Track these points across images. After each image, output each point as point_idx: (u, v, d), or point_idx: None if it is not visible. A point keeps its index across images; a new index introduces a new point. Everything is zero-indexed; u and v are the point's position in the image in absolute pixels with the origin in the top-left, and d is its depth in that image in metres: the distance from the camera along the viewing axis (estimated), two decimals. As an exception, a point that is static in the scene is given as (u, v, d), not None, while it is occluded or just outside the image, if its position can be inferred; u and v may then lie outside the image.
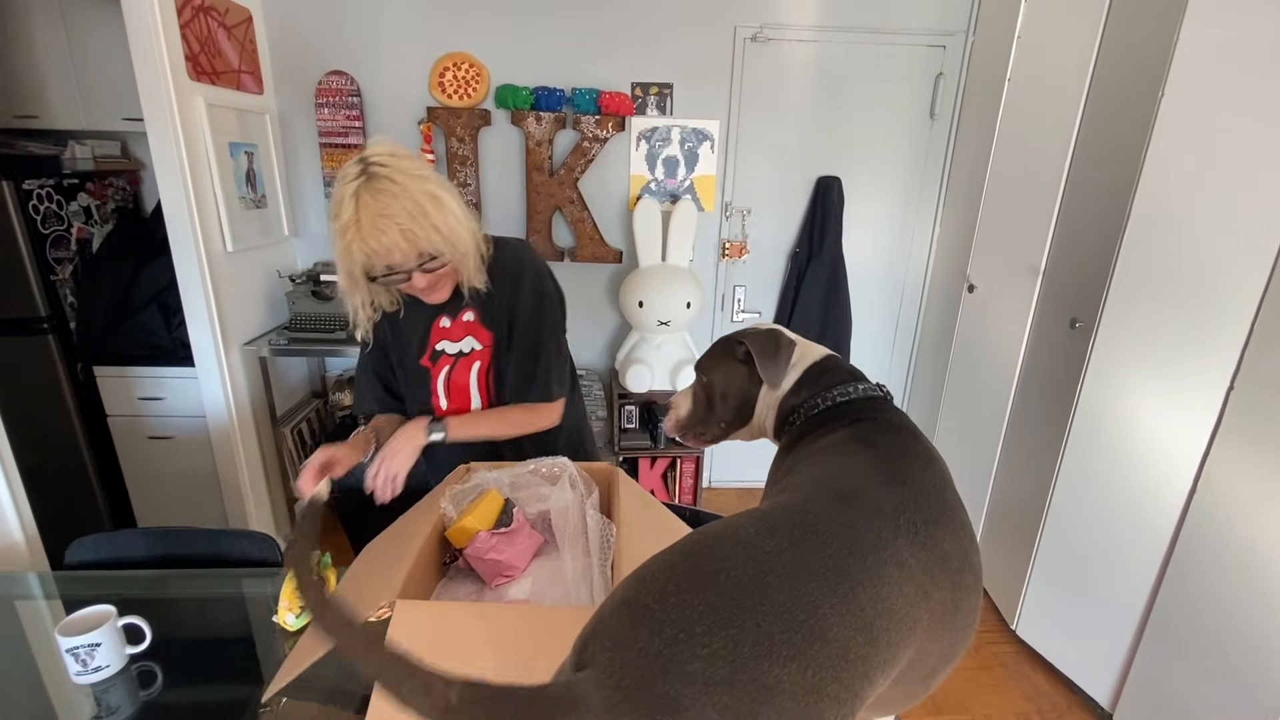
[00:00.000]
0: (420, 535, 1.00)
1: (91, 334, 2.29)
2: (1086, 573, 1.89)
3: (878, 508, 0.56)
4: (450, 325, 1.28)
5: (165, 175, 1.99)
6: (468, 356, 1.29)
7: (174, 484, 2.43)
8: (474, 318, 1.28)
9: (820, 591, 0.46)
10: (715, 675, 0.41)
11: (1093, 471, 1.85)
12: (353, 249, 1.02)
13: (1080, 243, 1.91)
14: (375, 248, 1.02)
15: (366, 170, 1.02)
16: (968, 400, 2.46)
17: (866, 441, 0.71)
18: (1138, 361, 1.72)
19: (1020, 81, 2.20)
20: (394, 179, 1.02)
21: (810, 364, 0.88)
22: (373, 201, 1.00)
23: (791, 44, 2.56)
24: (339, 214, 1.03)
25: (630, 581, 0.51)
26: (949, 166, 2.70)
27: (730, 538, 0.51)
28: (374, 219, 1.00)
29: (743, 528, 0.53)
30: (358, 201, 1.00)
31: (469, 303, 1.26)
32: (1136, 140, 1.67)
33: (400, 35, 2.49)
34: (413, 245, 1.04)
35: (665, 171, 2.68)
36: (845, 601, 0.47)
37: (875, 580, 0.49)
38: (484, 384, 1.31)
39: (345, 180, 1.03)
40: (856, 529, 0.53)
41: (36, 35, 2.28)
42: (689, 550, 0.51)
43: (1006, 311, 2.22)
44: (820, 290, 2.74)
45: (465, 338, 1.28)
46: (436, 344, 1.29)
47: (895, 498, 0.57)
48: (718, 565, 0.48)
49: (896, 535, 0.54)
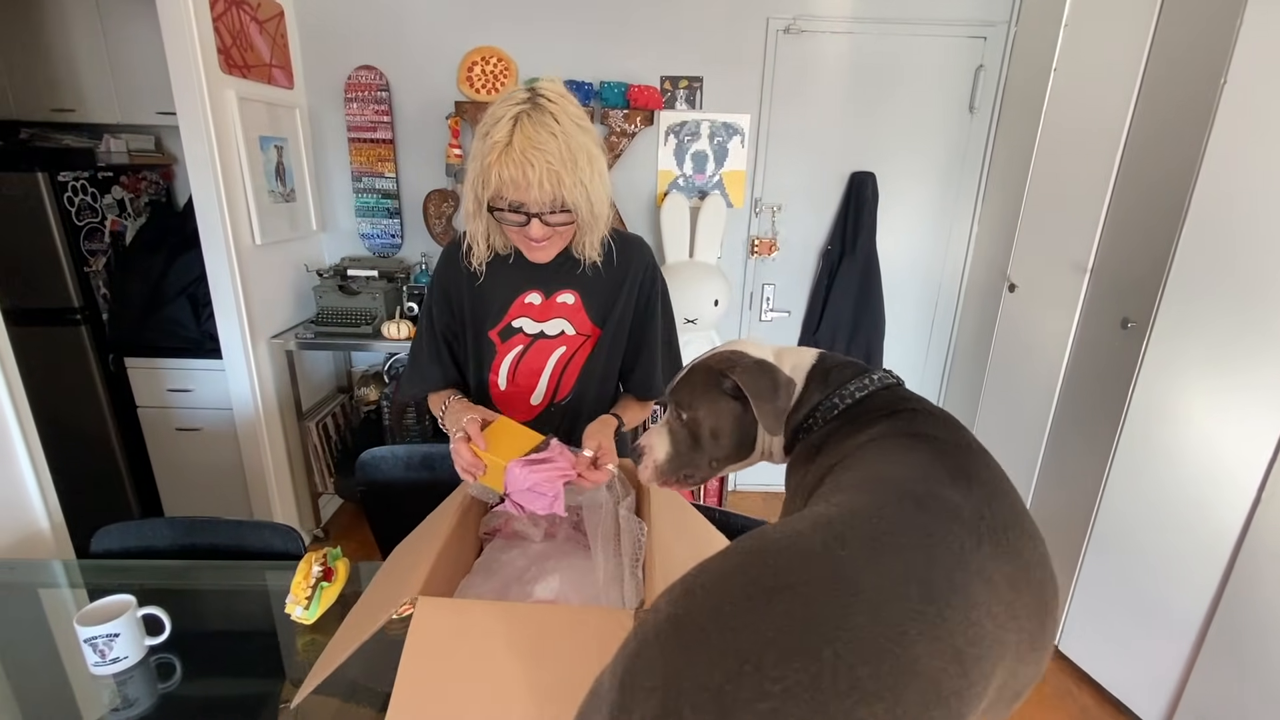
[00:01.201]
0: (444, 530, 0.97)
1: (123, 325, 2.31)
2: (1137, 587, 1.79)
3: (955, 512, 0.49)
4: (541, 303, 1.16)
5: (196, 167, 1.99)
6: (550, 340, 1.17)
7: (201, 476, 2.44)
8: (574, 301, 1.16)
9: (906, 614, 0.39)
10: (789, 715, 0.34)
11: (1145, 479, 1.75)
12: (492, 171, 0.96)
13: (1133, 239, 1.82)
14: (515, 176, 0.95)
15: (534, 99, 0.96)
16: (1008, 403, 2.37)
17: (916, 435, 0.64)
18: (1196, 363, 1.62)
19: (1067, 72, 2.11)
20: (558, 118, 0.96)
21: (810, 368, 0.79)
22: (532, 131, 0.94)
23: (825, 36, 2.49)
24: (490, 132, 0.96)
25: (678, 596, 0.44)
26: (988, 162, 2.61)
27: (794, 548, 0.44)
28: (526, 147, 0.94)
29: (805, 536, 0.46)
30: (515, 125, 0.94)
31: (569, 284, 1.16)
32: (1195, 131, 1.58)
33: (429, 30, 2.48)
34: (553, 189, 0.96)
35: (694, 167, 2.63)
36: (934, 626, 0.40)
37: (964, 600, 0.42)
38: (559, 373, 1.20)
39: (508, 102, 0.97)
40: (936, 538, 0.46)
41: (73, 30, 2.31)
42: (746, 561, 0.44)
43: (1050, 311, 2.13)
44: (853, 289, 2.66)
45: (554, 320, 1.17)
46: (514, 319, 1.17)
47: (971, 500, 0.51)
48: (784, 580, 0.41)
49: (980, 544, 0.47)
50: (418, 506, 1.21)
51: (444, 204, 2.64)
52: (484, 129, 0.98)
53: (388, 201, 2.66)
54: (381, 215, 2.68)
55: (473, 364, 1.22)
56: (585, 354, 1.20)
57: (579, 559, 1.03)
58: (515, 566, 1.04)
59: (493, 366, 1.20)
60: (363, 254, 2.73)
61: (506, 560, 1.05)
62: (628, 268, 1.18)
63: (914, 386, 0.77)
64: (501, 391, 1.21)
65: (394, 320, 2.39)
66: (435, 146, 2.59)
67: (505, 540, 1.08)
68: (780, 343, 0.87)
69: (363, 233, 2.70)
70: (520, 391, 1.20)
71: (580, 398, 1.22)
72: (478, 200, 1.02)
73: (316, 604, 1.09)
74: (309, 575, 1.12)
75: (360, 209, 2.68)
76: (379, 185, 2.64)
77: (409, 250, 2.74)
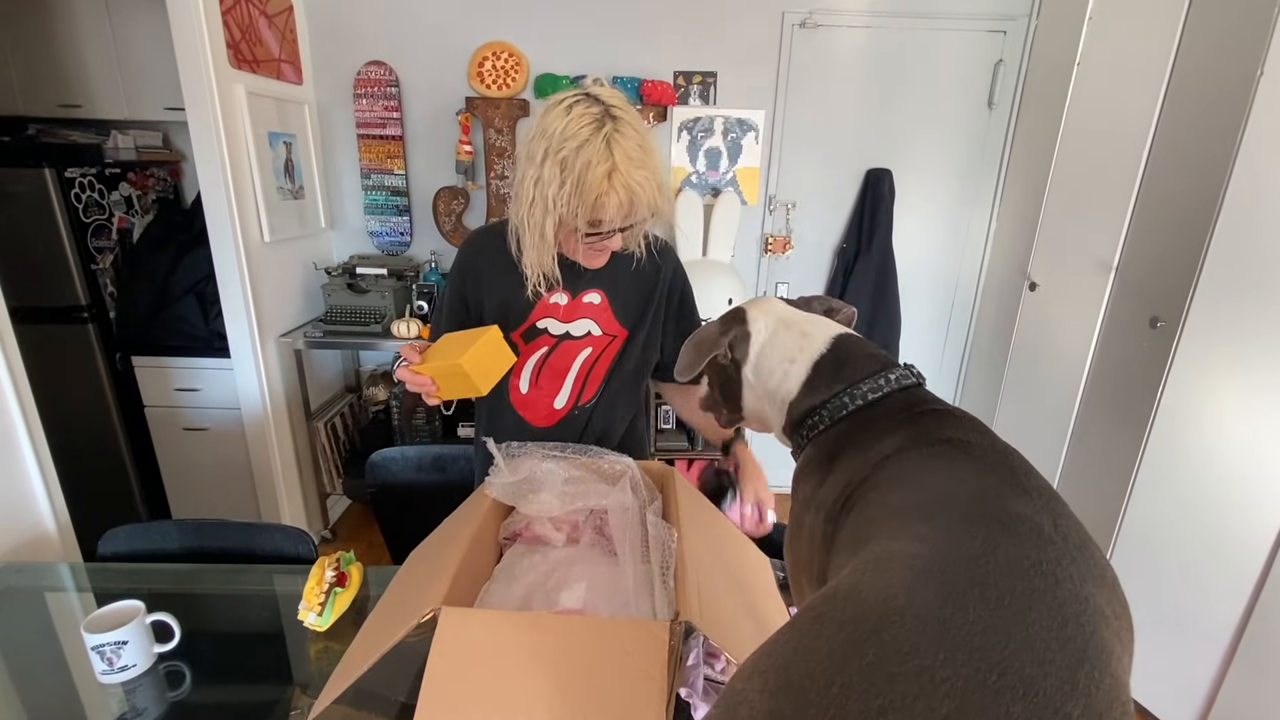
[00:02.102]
0: (465, 536, 0.93)
1: (130, 323, 2.29)
2: (1166, 593, 1.74)
3: (1039, 532, 0.42)
4: (567, 303, 1.12)
5: (205, 163, 1.97)
6: (576, 341, 1.14)
7: (208, 476, 2.42)
8: (600, 301, 1.12)
9: (1060, 690, 0.32)
10: None
11: (1174, 483, 1.71)
12: (601, 200, 0.90)
13: (1162, 237, 1.77)
14: (624, 200, 0.91)
15: (610, 114, 0.91)
16: (1028, 404, 2.32)
17: (949, 441, 0.57)
18: (1228, 363, 1.58)
19: (1091, 66, 2.06)
20: (636, 128, 0.92)
21: (819, 356, 0.71)
22: (629, 148, 0.90)
23: (842, 30, 2.45)
24: (579, 156, 0.89)
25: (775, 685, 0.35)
26: (1007, 158, 2.56)
27: (907, 612, 0.36)
28: (630, 168, 0.89)
29: (915, 594, 0.37)
30: (611, 145, 0.89)
31: (595, 284, 1.12)
32: (1229, 126, 1.54)
33: (439, 25, 2.45)
34: (653, 203, 0.94)
35: (707, 163, 2.59)
36: (1092, 697, 0.33)
37: (1104, 653, 0.35)
38: (585, 375, 1.16)
39: (583, 120, 0.90)
40: (1048, 574, 0.39)
41: (81, 25, 2.29)
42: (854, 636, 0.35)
43: (1073, 310, 2.08)
44: (868, 287, 2.62)
45: (580, 320, 1.13)
46: (539, 320, 1.12)
47: (1039, 512, 0.45)
48: (915, 664, 0.32)
49: (1084, 576, 0.40)
50: (429, 508, 1.18)
51: (454, 201, 2.61)
52: (560, 152, 0.90)
53: (397, 199, 2.63)
54: (391, 213, 2.65)
55: None
56: (611, 355, 1.16)
57: (605, 565, 0.99)
58: (538, 572, 1.00)
59: (515, 369, 1.15)
60: (372, 252, 2.70)
61: (528, 566, 1.02)
62: (658, 271, 1.15)
63: (930, 387, 0.70)
64: (523, 395, 1.17)
65: (403, 319, 2.36)
66: (445, 143, 2.56)
67: (526, 545, 1.05)
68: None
69: (372, 230, 2.67)
70: (543, 395, 1.16)
71: (605, 399, 1.18)
72: (565, 227, 0.96)
73: (330, 611, 1.06)
74: (322, 581, 1.09)
75: (369, 206, 2.65)
76: (388, 182, 2.61)
77: (418, 248, 2.71)
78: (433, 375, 1.00)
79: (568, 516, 1.05)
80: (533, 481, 1.05)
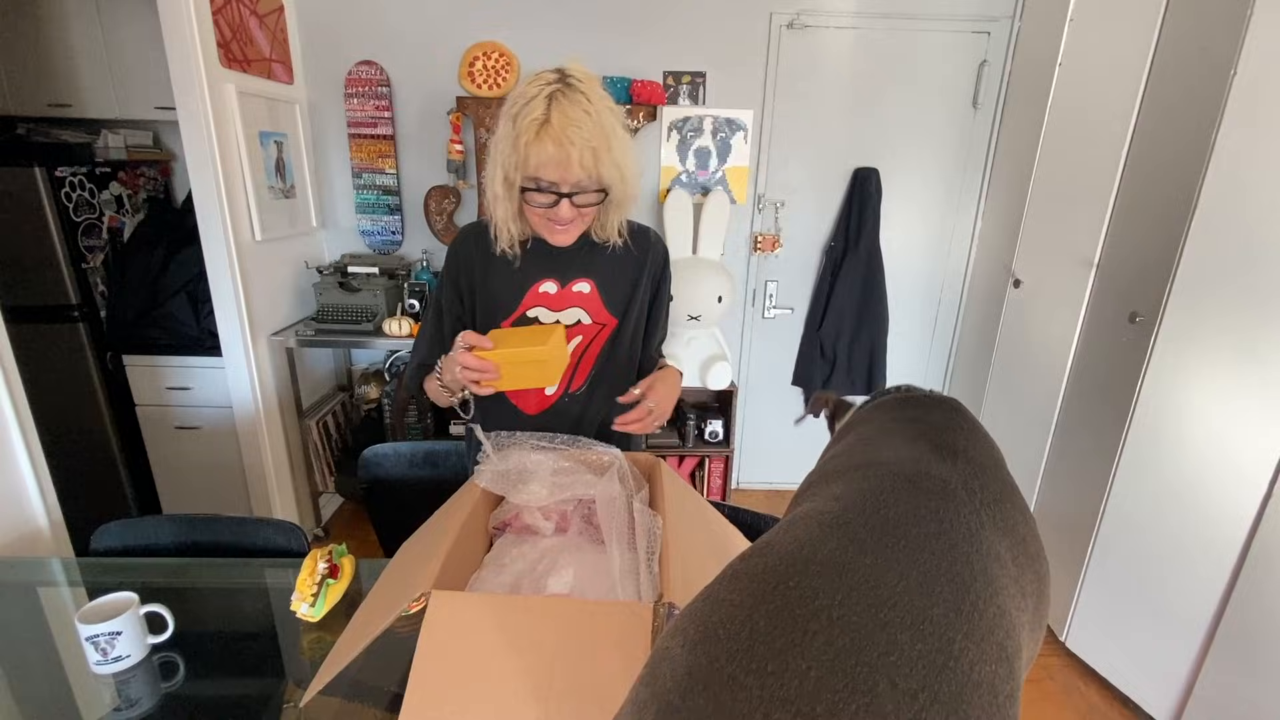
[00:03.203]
0: (454, 526, 0.95)
1: (121, 323, 2.29)
2: (1145, 583, 1.78)
3: (945, 488, 0.47)
4: (557, 292, 1.15)
5: (196, 162, 1.97)
6: (567, 329, 1.16)
7: (200, 475, 2.42)
8: (590, 290, 1.16)
9: (946, 618, 0.36)
10: None
11: (1153, 475, 1.74)
12: (529, 149, 0.95)
13: (1140, 233, 1.81)
14: (555, 154, 0.95)
15: (565, 80, 0.97)
16: (1013, 399, 2.36)
17: (906, 418, 0.66)
18: (1206, 356, 1.61)
19: (1073, 66, 2.10)
20: (590, 97, 0.97)
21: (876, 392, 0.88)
22: (569, 108, 0.94)
23: (829, 31, 2.48)
24: (523, 112, 0.95)
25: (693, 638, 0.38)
26: (992, 157, 2.60)
27: (812, 560, 0.39)
28: (565, 125, 0.94)
29: (819, 544, 0.41)
30: (551, 102, 0.94)
31: (585, 272, 1.16)
32: (1204, 125, 1.57)
33: (430, 25, 2.47)
34: (591, 167, 0.98)
35: (697, 163, 2.62)
36: (975, 623, 0.37)
37: (991, 586, 0.40)
38: (575, 363, 1.19)
39: (538, 82, 0.97)
40: (944, 520, 0.43)
41: (71, 24, 2.29)
42: (763, 588, 0.39)
43: (1056, 306, 2.12)
44: (856, 285, 2.65)
45: (570, 309, 1.16)
46: (529, 309, 1.16)
47: (955, 476, 0.49)
48: (814, 605, 0.36)
49: (982, 524, 0.44)
50: (421, 504, 1.19)
51: (445, 200, 2.62)
52: (512, 110, 0.97)
53: (388, 198, 2.64)
54: (382, 212, 2.66)
55: None
56: (601, 343, 1.19)
57: (592, 553, 1.01)
58: (527, 560, 1.02)
59: None
60: (363, 251, 2.71)
61: (517, 554, 1.04)
62: (645, 258, 1.18)
63: (917, 383, 0.83)
64: None
65: (395, 317, 2.37)
66: (436, 142, 2.57)
67: (516, 535, 1.07)
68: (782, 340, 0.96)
69: (363, 229, 2.68)
70: None
71: (595, 387, 1.21)
72: (508, 182, 1.01)
73: (322, 601, 1.07)
74: (314, 572, 1.10)
75: (361, 205, 2.66)
76: (379, 181, 2.62)
77: (410, 247, 2.72)
78: (501, 362, 1.01)
79: (556, 506, 1.07)
80: (522, 471, 1.07)
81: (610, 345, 1.20)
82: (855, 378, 2.79)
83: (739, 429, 2.93)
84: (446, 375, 1.10)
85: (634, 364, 1.23)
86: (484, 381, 1.02)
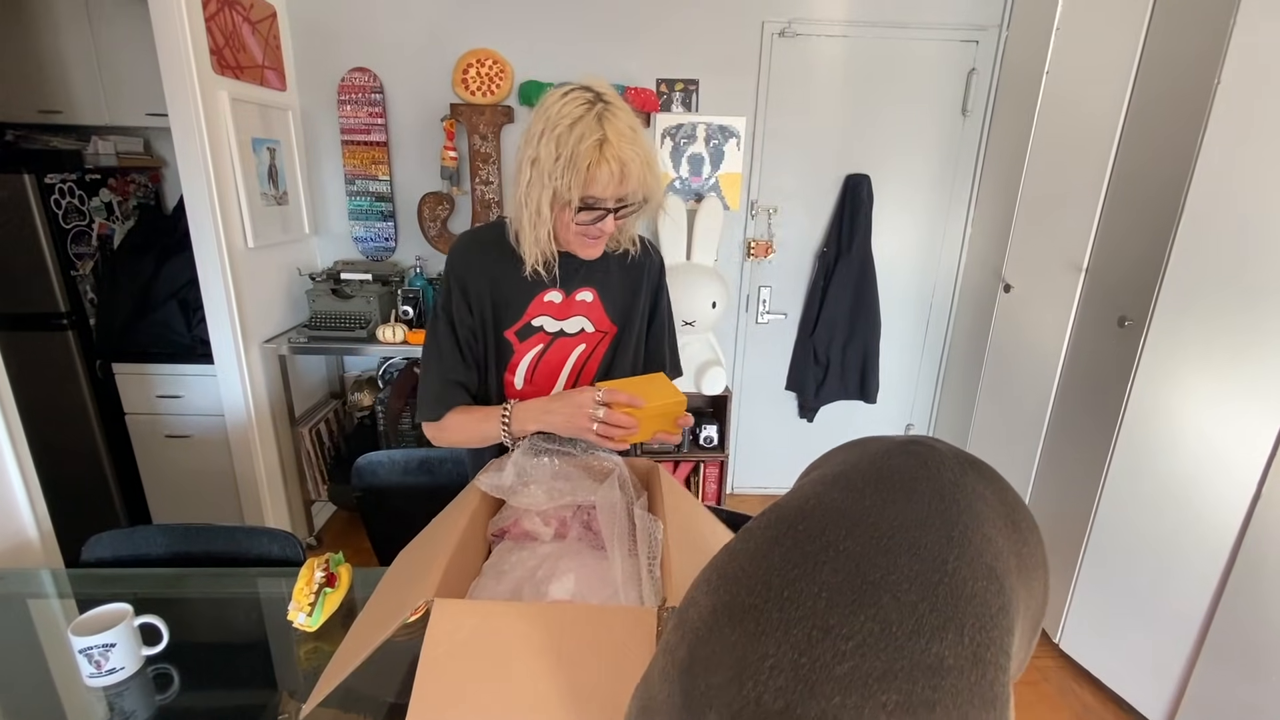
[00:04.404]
0: (455, 533, 0.95)
1: (111, 330, 2.27)
2: (1137, 585, 1.80)
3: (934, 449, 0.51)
4: (561, 301, 1.15)
5: (188, 169, 1.96)
6: (570, 338, 1.17)
7: (191, 484, 2.39)
8: (592, 298, 1.16)
9: (938, 543, 0.40)
10: (872, 671, 0.33)
11: (1144, 477, 1.76)
12: (593, 169, 0.95)
13: (1128, 238, 1.84)
14: (616, 171, 0.95)
15: (602, 98, 0.98)
16: (1004, 402, 2.38)
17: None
18: (1194, 361, 1.64)
19: (1060, 74, 2.13)
20: (628, 113, 0.99)
21: None
22: (620, 125, 0.96)
23: (820, 39, 2.51)
24: (570, 133, 0.94)
25: (716, 583, 0.42)
26: (982, 163, 2.63)
27: (818, 509, 0.44)
28: (622, 143, 0.95)
29: (823, 495, 0.46)
30: (603, 121, 0.95)
31: (587, 281, 1.15)
32: (1189, 131, 1.60)
33: (424, 32, 2.47)
34: (645, 181, 0.99)
35: (690, 169, 2.63)
36: (965, 548, 0.41)
37: (977, 519, 0.44)
38: (578, 371, 1.19)
39: (575, 101, 0.96)
40: (932, 469, 0.47)
41: (62, 30, 2.27)
42: (775, 534, 0.43)
43: (1046, 311, 2.14)
44: (849, 290, 2.67)
45: (573, 317, 1.16)
46: (534, 318, 1.15)
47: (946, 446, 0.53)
48: (822, 541, 0.40)
49: (964, 471, 0.48)
50: (416, 511, 1.18)
51: (439, 207, 2.62)
52: (555, 130, 0.96)
53: (382, 204, 2.64)
54: (375, 218, 2.65)
55: (490, 365, 1.19)
56: (603, 351, 1.20)
57: (592, 558, 1.01)
58: (526, 567, 1.02)
59: (510, 366, 1.17)
60: (356, 257, 2.70)
61: (517, 561, 1.03)
62: (644, 267, 1.20)
63: (910, 388, 0.85)
64: (518, 391, 1.19)
65: (388, 324, 2.36)
66: (430, 149, 2.57)
67: (515, 541, 1.06)
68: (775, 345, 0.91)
69: (356, 236, 2.67)
70: (538, 391, 1.19)
71: None
72: (559, 201, 0.99)
73: (320, 611, 1.07)
74: (312, 581, 1.09)
75: (354, 212, 2.65)
76: (373, 188, 2.62)
77: (403, 254, 2.71)
78: (642, 417, 1.04)
79: (556, 512, 1.07)
80: (522, 476, 1.07)
81: (612, 353, 1.21)
82: (848, 382, 2.81)
83: (733, 434, 2.94)
84: (564, 426, 1.08)
85: (636, 372, 1.24)
86: (622, 437, 1.05)
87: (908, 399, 2.94)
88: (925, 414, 2.96)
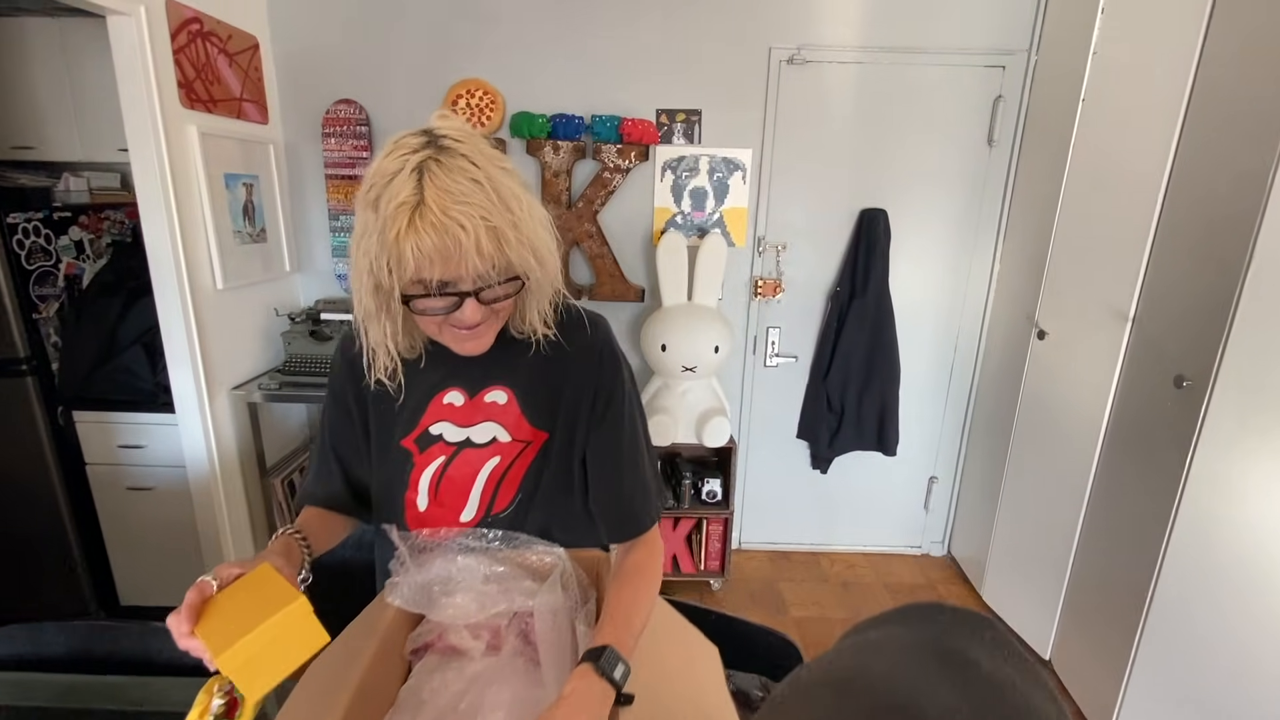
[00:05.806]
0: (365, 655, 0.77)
1: (74, 376, 2.13)
2: (1205, 678, 1.54)
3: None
4: (464, 404, 0.91)
5: (148, 207, 1.84)
6: (481, 449, 0.91)
7: (154, 538, 2.23)
8: (506, 399, 0.91)
9: None
10: None
11: (1210, 553, 1.53)
12: (404, 244, 0.68)
13: (1182, 284, 1.62)
14: (440, 245, 0.68)
15: (435, 142, 0.71)
16: (1040, 461, 2.14)
17: None
18: (1266, 429, 1.41)
19: (1098, 102, 1.93)
20: (474, 159, 0.71)
21: None
22: (448, 181, 0.68)
23: (832, 66, 2.34)
24: (388, 194, 0.69)
25: None
26: (1009, 198, 2.43)
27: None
28: (446, 204, 0.68)
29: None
30: (422, 177, 0.68)
31: (500, 378, 0.91)
32: (1259, 162, 1.40)
33: (412, 62, 2.35)
34: (493, 251, 0.71)
35: (693, 204, 2.46)
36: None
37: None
38: (494, 487, 0.93)
39: (398, 152, 0.71)
40: None
41: (35, 65, 2.19)
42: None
43: (1088, 362, 1.92)
44: (865, 333, 2.46)
45: (483, 424, 0.91)
46: (432, 425, 0.91)
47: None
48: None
49: None
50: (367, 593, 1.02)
51: (426, 243, 2.48)
52: (370, 194, 0.71)
53: (367, 241, 2.50)
54: (360, 255, 2.52)
55: (382, 480, 0.95)
56: (526, 464, 0.93)
57: (529, 680, 0.82)
58: (449, 693, 0.83)
59: (410, 482, 0.93)
60: (339, 295, 2.56)
61: (440, 685, 0.84)
62: (582, 357, 0.92)
63: (933, 439, 0.68)
64: (421, 513, 0.94)
65: (367, 369, 2.20)
66: (417, 183, 2.44)
67: (440, 657, 0.87)
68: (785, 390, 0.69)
69: (339, 273, 2.54)
70: (445, 512, 0.94)
71: (526, 506, 0.94)
72: (381, 290, 0.75)
73: (211, 754, 0.87)
74: (206, 710, 0.91)
75: (338, 248, 2.52)
76: (357, 224, 2.49)
77: (389, 292, 2.57)
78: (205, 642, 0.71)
79: (488, 622, 0.88)
80: (446, 581, 0.88)
81: (540, 463, 0.93)
82: (864, 431, 2.59)
83: (740, 484, 2.72)
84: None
85: (572, 478, 0.95)
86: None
87: (930, 451, 2.70)
88: (950, 468, 2.71)
